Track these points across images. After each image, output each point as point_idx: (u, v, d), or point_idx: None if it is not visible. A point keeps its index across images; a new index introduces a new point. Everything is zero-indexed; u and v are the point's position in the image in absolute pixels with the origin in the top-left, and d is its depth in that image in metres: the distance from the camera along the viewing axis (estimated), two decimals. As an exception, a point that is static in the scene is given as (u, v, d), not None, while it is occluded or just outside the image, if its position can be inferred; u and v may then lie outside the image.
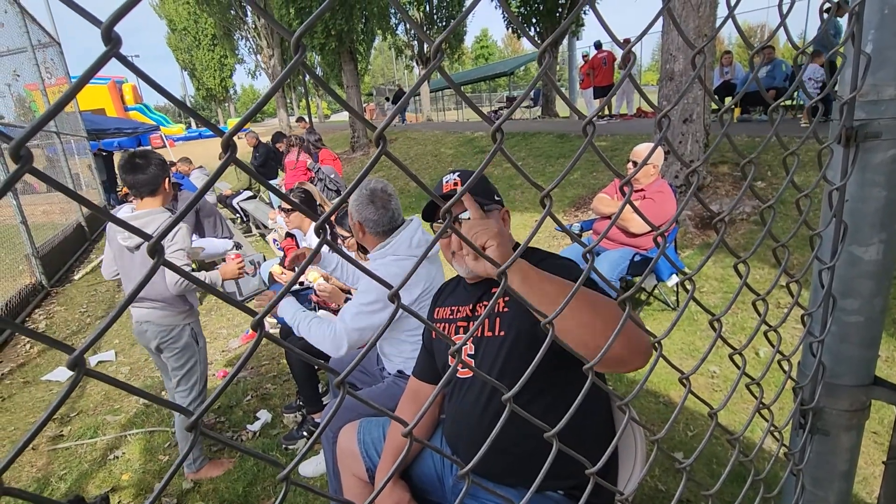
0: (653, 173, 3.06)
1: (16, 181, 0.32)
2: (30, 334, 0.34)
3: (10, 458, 0.34)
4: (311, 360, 0.44)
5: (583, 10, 0.46)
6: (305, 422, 2.45)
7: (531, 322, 1.13)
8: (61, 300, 5.02)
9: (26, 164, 0.30)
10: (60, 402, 0.35)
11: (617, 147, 6.87)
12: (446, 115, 24.74)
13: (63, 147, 7.58)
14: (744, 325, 3.09)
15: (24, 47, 6.62)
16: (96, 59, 0.34)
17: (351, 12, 11.20)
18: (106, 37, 0.33)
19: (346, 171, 10.98)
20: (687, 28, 4.18)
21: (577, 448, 0.61)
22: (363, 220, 1.87)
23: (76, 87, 0.35)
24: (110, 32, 0.32)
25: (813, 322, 0.84)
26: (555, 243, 4.92)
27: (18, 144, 0.30)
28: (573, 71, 15.96)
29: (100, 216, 0.53)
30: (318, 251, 0.43)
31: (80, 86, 0.33)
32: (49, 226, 6.44)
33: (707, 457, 2.04)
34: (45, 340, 0.35)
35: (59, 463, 2.41)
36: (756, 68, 0.65)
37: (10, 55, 6.30)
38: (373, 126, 0.41)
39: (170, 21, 29.75)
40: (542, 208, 0.52)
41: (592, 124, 0.55)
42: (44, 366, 3.52)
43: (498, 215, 1.27)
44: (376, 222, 1.86)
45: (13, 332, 4.06)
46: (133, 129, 15.62)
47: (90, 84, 12.47)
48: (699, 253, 4.09)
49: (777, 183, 4.67)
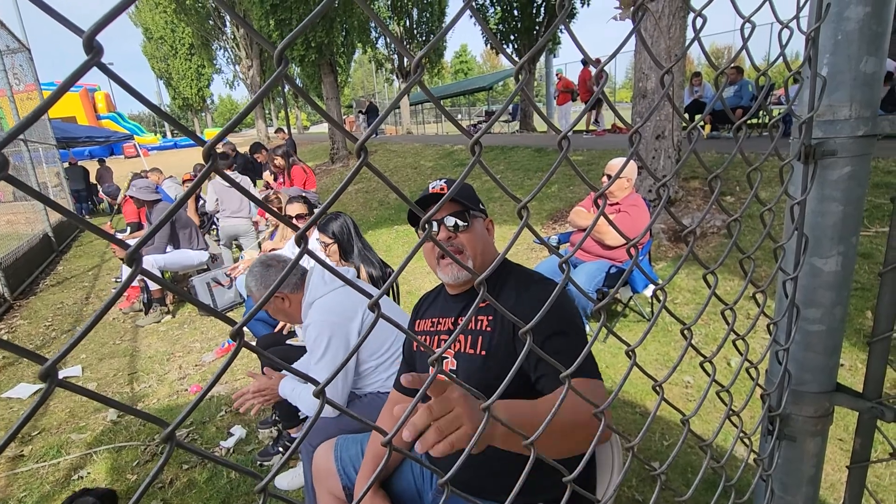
0: (627, 187, 3.14)
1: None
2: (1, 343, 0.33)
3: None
4: (292, 370, 0.44)
5: (559, 29, 0.48)
6: (281, 437, 2.40)
7: (510, 350, 1.14)
8: (25, 313, 4.82)
9: (2, 170, 0.30)
10: (31, 413, 0.34)
11: (593, 161, 7.02)
12: (426, 127, 24.92)
13: (31, 155, 7.35)
14: (716, 335, 3.17)
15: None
16: (77, 67, 0.34)
17: (331, 25, 11.24)
18: (87, 46, 0.33)
19: (324, 182, 10.92)
20: (658, 48, 4.34)
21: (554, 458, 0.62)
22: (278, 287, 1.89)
23: (56, 94, 0.35)
24: (92, 42, 0.33)
25: (778, 331, 0.87)
26: (533, 255, 4.97)
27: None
28: (550, 87, 16.32)
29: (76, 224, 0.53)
30: (299, 261, 0.43)
31: (60, 93, 0.33)
32: (13, 236, 6.21)
33: (682, 466, 2.07)
34: (16, 350, 0.35)
35: (18, 485, 2.30)
36: (721, 88, 0.68)
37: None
38: (354, 138, 0.42)
39: (146, 29, 29.36)
40: (520, 220, 0.53)
41: (567, 139, 0.57)
42: (4, 382, 3.37)
43: (483, 224, 1.29)
44: (288, 278, 1.89)
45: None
46: (105, 137, 15.27)
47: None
48: (673, 265, 4.19)
49: (745, 197, 4.84)
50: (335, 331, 1.74)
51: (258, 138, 19.47)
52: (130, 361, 3.60)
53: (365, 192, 9.30)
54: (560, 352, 1.06)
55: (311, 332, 1.76)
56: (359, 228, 2.61)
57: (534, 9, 13.90)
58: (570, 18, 8.11)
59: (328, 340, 1.73)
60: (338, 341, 1.74)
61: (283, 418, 2.37)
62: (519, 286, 1.21)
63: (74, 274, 6.25)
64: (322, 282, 1.87)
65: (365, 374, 1.87)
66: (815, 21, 0.75)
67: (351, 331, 1.77)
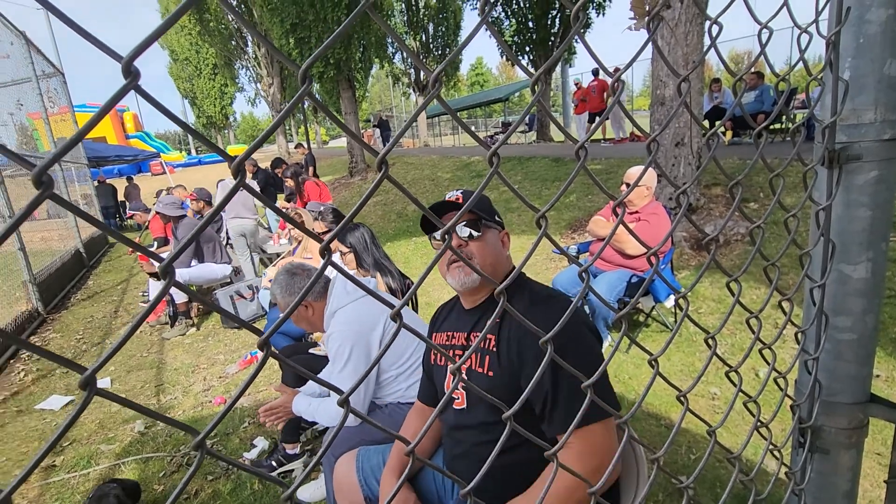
0: (646, 195, 3.11)
1: (37, 206, 0.33)
2: (40, 352, 0.35)
3: (12, 486, 0.34)
4: (316, 379, 0.45)
5: (574, 39, 0.48)
6: (276, 451, 2.38)
7: (514, 375, 1.13)
8: (57, 327, 4.98)
9: (48, 189, 0.32)
10: (71, 422, 0.36)
11: (611, 170, 6.97)
12: (443, 140, 25.10)
13: (63, 174, 7.64)
14: (742, 345, 3.08)
15: (28, 77, 6.74)
16: (117, 90, 0.36)
17: (349, 42, 11.49)
18: (126, 71, 0.35)
19: (343, 195, 11.08)
20: (675, 56, 4.31)
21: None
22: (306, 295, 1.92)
23: (98, 116, 0.37)
24: (130, 66, 0.35)
25: (807, 340, 0.85)
26: (551, 265, 4.94)
27: (41, 171, 0.32)
28: (566, 97, 16.31)
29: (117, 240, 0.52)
30: (324, 271, 0.44)
31: (102, 115, 0.35)
32: (47, 252, 6.44)
33: (711, 480, 2.02)
34: (59, 360, 0.37)
35: (50, 494, 2.36)
36: (740, 93, 0.67)
37: (15, 85, 6.41)
38: (374, 151, 0.43)
39: (172, 51, 30.44)
40: (538, 229, 0.54)
41: (585, 148, 0.57)
42: (38, 394, 3.47)
43: (497, 236, 1.29)
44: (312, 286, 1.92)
45: (8, 360, 4.02)
46: (133, 156, 15.81)
47: (92, 112, 12.78)
48: (695, 273, 4.10)
49: (769, 204, 4.72)
50: (357, 340, 1.76)
51: (279, 154, 19.91)
52: (157, 373, 3.68)
53: (383, 204, 9.39)
54: (568, 388, 1.05)
55: (334, 342, 1.78)
56: (376, 239, 2.64)
57: (548, 20, 13.96)
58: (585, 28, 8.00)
59: (350, 350, 1.75)
60: (360, 351, 1.76)
61: (283, 432, 2.35)
62: (531, 301, 1.20)
63: (104, 288, 6.44)
64: (344, 291, 1.89)
65: (385, 383, 1.88)
66: (835, 25, 0.74)
67: (373, 341, 1.78)
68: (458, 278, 1.23)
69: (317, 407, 1.81)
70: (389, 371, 1.87)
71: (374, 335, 1.79)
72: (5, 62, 6.09)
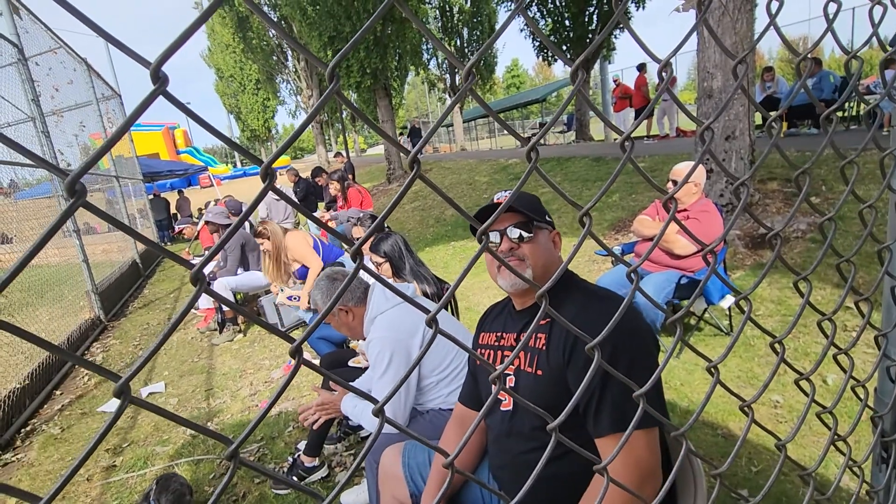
0: (695, 192, 2.97)
1: (71, 214, 0.33)
2: (83, 363, 0.35)
3: (58, 487, 0.34)
4: (350, 387, 0.44)
5: (614, 30, 0.45)
6: (296, 465, 2.35)
7: (562, 374, 1.10)
8: (116, 334, 5.28)
9: (80, 198, 0.32)
10: (105, 431, 0.35)
11: (656, 167, 6.73)
12: (479, 143, 25.08)
13: (122, 190, 8.13)
14: (807, 349, 2.88)
15: (89, 101, 7.23)
16: (146, 96, 0.35)
17: (385, 51, 11.69)
18: (154, 76, 0.34)
19: (382, 202, 11.22)
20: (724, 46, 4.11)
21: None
22: (343, 300, 1.93)
23: (127, 124, 0.37)
24: (158, 72, 0.34)
25: (889, 344, 0.76)
26: (594, 267, 4.80)
27: (73, 180, 0.31)
28: (606, 94, 15.93)
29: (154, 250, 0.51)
30: (356, 274, 0.42)
31: (135, 116, 0.35)
32: (107, 263, 6.85)
33: (776, 496, 1.88)
34: (94, 369, 0.36)
35: (111, 493, 2.48)
36: (805, 75, 0.61)
37: (78, 108, 6.89)
38: (406, 150, 0.41)
39: (217, 69, 31.96)
40: (582, 228, 0.50)
41: (630, 140, 0.53)
42: (100, 397, 3.68)
43: (548, 236, 1.26)
44: (353, 289, 1.93)
45: (73, 365, 4.28)
46: (184, 170, 16.66)
47: (147, 131, 13.59)
48: (751, 274, 3.89)
49: (833, 198, 4.42)
50: (397, 347, 1.76)
51: (319, 163, 20.47)
52: (207, 378, 3.82)
53: (421, 209, 9.45)
54: (618, 390, 1.00)
55: (374, 349, 1.79)
56: (410, 246, 2.62)
57: (585, 17, 13.69)
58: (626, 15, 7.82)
59: (390, 356, 1.74)
60: (399, 357, 1.75)
61: (307, 445, 2.32)
62: (585, 300, 1.17)
63: (158, 297, 6.78)
64: (384, 298, 1.89)
65: (426, 389, 1.86)
66: (915, -7, 0.66)
67: (412, 347, 1.77)
68: (508, 280, 1.22)
69: (363, 409, 1.82)
70: (430, 377, 1.85)
71: (413, 341, 1.78)
72: (70, 87, 6.55)
